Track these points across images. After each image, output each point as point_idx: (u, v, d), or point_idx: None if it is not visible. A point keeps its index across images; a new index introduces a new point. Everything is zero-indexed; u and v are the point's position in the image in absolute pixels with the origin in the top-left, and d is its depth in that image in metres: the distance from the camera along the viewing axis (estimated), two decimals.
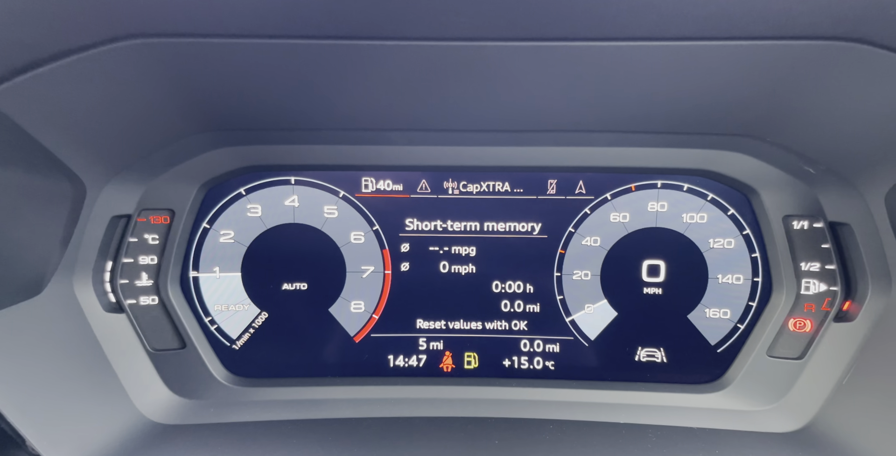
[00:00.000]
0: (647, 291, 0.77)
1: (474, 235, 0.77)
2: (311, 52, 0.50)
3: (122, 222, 0.73)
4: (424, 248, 0.78)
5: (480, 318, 0.79)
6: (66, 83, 0.50)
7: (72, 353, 0.66)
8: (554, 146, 0.72)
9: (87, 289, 0.70)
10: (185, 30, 0.47)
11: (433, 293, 0.79)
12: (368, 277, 0.78)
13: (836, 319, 0.73)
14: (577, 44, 0.49)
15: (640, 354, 0.78)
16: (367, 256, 0.77)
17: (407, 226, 0.78)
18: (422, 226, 0.77)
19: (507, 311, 0.79)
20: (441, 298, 0.79)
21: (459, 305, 0.79)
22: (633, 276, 0.76)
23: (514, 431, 0.70)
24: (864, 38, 0.46)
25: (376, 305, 0.79)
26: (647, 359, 0.79)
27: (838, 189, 0.69)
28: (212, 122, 0.66)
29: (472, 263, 0.78)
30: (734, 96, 0.58)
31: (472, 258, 0.78)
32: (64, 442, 0.61)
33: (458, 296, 0.78)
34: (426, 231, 0.77)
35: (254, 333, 0.79)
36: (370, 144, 0.72)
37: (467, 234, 0.77)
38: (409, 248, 0.78)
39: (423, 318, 0.80)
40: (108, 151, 0.64)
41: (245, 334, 0.79)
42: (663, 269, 0.76)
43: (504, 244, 0.77)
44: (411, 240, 0.78)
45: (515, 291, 0.78)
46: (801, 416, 0.71)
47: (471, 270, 0.78)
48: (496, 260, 0.77)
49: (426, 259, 0.78)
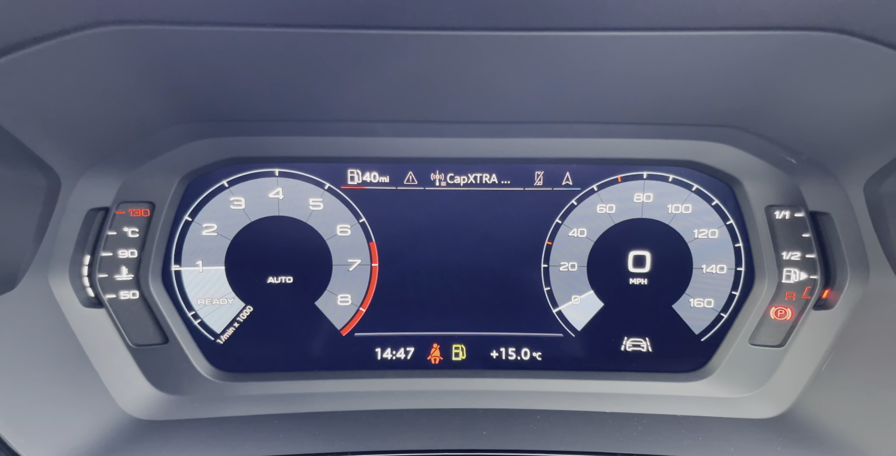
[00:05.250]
0: (633, 282, 0.77)
1: (462, 226, 0.77)
2: (293, 41, 0.49)
3: (100, 215, 0.72)
4: (412, 240, 0.77)
5: (468, 310, 0.79)
6: (37, 72, 0.48)
7: (49, 349, 0.65)
8: (540, 138, 0.72)
9: (63, 283, 0.69)
10: (162, 17, 0.46)
11: (421, 285, 0.78)
12: (355, 270, 0.77)
13: (816, 307, 0.74)
14: (562, 34, 0.48)
15: (626, 343, 0.79)
16: (354, 248, 0.77)
17: (394, 218, 0.77)
18: (409, 218, 0.77)
19: (495, 303, 0.79)
20: (429, 291, 0.78)
21: (447, 297, 0.79)
22: (619, 266, 0.77)
23: (501, 421, 0.71)
24: (845, 29, 0.47)
25: (363, 298, 0.78)
26: (633, 349, 0.79)
27: (819, 179, 0.70)
28: (192, 113, 0.65)
29: (460, 254, 0.78)
30: (718, 87, 0.58)
31: (460, 250, 0.77)
32: (43, 440, 0.59)
33: (446, 288, 0.78)
34: (414, 223, 0.76)
35: (238, 327, 0.78)
36: (355, 136, 0.72)
37: (455, 226, 0.77)
38: (396, 240, 0.78)
39: (410, 310, 0.79)
40: (83, 142, 0.62)
41: (230, 328, 0.78)
42: (649, 259, 0.77)
43: (492, 236, 0.77)
44: (399, 232, 0.78)
45: (503, 282, 0.78)
46: (782, 402, 0.72)
47: (458, 262, 0.78)
48: (484, 252, 0.77)
49: (414, 251, 0.77)
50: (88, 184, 0.67)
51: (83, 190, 0.67)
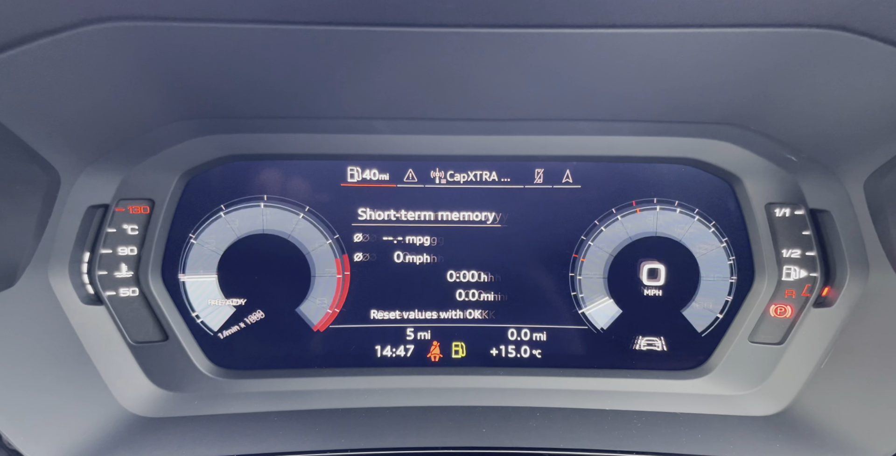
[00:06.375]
0: (648, 293, 0.79)
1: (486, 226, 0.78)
2: (292, 38, 0.49)
3: (100, 212, 0.72)
4: (386, 239, 0.78)
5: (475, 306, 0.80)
6: (37, 68, 0.48)
7: (49, 346, 0.65)
8: (541, 135, 0.72)
9: (63, 281, 0.69)
10: (161, 13, 0.46)
11: (399, 284, 0.79)
12: (330, 280, 0.78)
13: (816, 305, 0.74)
14: (562, 31, 0.48)
15: (641, 342, 0.80)
16: (328, 261, 0.78)
17: (396, 216, 0.78)
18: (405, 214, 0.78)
19: (517, 300, 0.79)
20: (407, 290, 0.79)
21: (419, 296, 0.79)
22: (635, 277, 0.79)
23: (501, 419, 0.71)
24: (846, 26, 0.47)
25: (335, 300, 0.79)
26: (648, 348, 0.80)
27: (819, 177, 0.70)
28: (191, 110, 0.65)
29: (438, 256, 0.79)
30: (718, 85, 0.58)
31: (429, 250, 0.78)
32: (43, 438, 0.59)
33: (413, 286, 0.79)
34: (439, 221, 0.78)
35: (236, 323, 0.78)
36: (355, 133, 0.72)
37: (478, 223, 0.78)
38: (395, 239, 0.78)
39: (413, 309, 0.80)
40: (83, 139, 0.62)
41: (227, 328, 0.79)
42: (662, 271, 0.79)
43: (521, 238, 0.78)
44: (399, 230, 0.78)
45: (529, 283, 0.79)
46: (781, 399, 0.73)
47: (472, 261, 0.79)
48: (510, 253, 0.79)
49: (385, 251, 0.78)
50: (88, 181, 0.67)
51: (83, 187, 0.67)
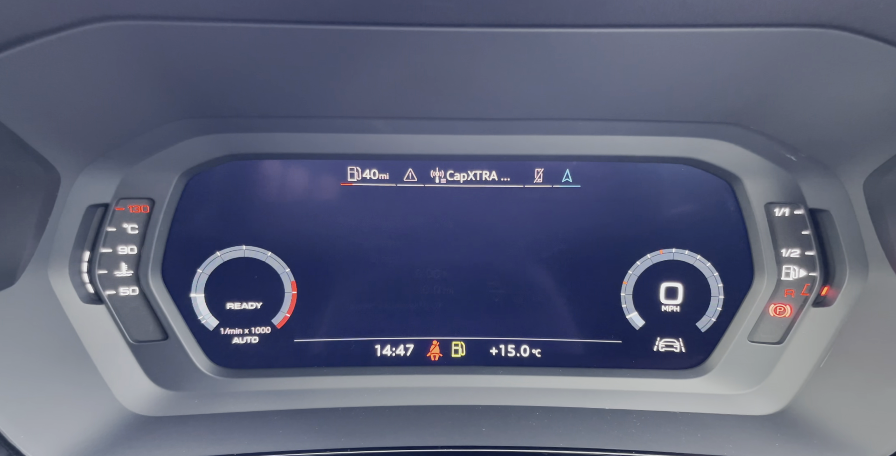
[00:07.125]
0: (665, 309, 0.80)
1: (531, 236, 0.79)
2: (292, 38, 0.49)
3: (100, 211, 0.72)
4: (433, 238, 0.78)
5: (472, 307, 0.80)
6: (37, 67, 0.48)
7: (49, 345, 0.65)
8: (540, 135, 0.72)
9: (63, 280, 0.69)
10: (161, 13, 0.46)
11: (399, 284, 0.80)
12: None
13: (815, 304, 0.74)
14: (561, 31, 0.48)
15: (660, 344, 0.80)
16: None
17: (394, 216, 0.78)
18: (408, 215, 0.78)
19: (503, 302, 0.80)
20: (407, 288, 0.80)
21: (418, 294, 0.80)
22: (655, 295, 0.80)
23: (500, 418, 0.71)
24: (845, 26, 0.47)
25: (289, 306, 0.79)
26: (666, 349, 0.81)
27: (819, 176, 0.70)
28: (191, 109, 0.65)
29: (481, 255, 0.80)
30: (718, 84, 0.59)
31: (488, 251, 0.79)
32: (44, 437, 0.59)
33: (413, 285, 0.79)
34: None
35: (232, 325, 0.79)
36: (355, 133, 0.72)
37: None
38: (391, 240, 0.78)
39: (413, 308, 0.80)
40: (83, 138, 0.62)
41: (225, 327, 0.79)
42: (680, 290, 0.80)
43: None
44: (399, 231, 0.78)
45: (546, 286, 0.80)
46: (781, 399, 0.73)
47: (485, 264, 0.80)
48: (509, 260, 0.80)
49: (385, 251, 0.79)
50: (88, 180, 0.67)
51: (83, 186, 0.67)
